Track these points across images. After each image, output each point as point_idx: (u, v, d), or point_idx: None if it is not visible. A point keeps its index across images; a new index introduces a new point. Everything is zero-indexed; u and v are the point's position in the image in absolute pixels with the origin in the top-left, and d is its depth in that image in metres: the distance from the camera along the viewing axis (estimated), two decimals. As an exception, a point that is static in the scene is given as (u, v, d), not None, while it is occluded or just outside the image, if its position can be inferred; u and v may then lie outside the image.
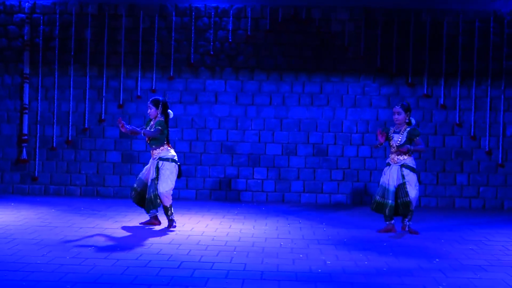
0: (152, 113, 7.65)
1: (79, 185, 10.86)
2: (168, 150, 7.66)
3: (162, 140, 7.61)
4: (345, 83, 10.83)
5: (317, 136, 10.81)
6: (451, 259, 6.30)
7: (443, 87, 10.71)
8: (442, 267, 5.90)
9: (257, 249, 6.52)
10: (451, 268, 5.88)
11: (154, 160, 7.63)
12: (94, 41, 10.88)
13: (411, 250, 6.70)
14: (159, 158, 7.58)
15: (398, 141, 7.56)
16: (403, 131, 7.59)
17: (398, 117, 7.61)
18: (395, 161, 7.60)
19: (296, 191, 10.80)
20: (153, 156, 7.65)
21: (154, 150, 7.65)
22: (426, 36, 10.70)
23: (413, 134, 7.58)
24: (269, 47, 10.88)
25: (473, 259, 6.31)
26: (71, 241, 6.71)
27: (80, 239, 6.81)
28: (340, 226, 8.23)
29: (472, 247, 6.95)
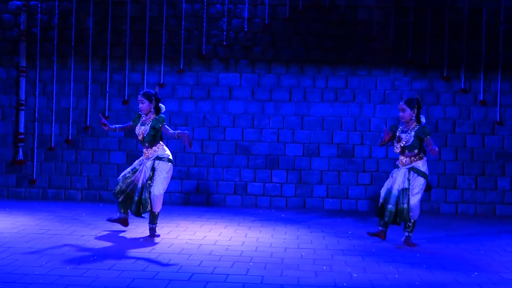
0: (145, 108, 7.63)
1: (80, 188, 10.93)
2: (164, 149, 7.69)
3: (158, 138, 7.67)
4: (373, 77, 10.79)
5: (342, 135, 10.79)
6: (491, 272, 6.25)
7: (483, 81, 10.64)
8: (481, 281, 5.86)
9: (276, 260, 6.52)
10: (491, 282, 5.84)
11: (148, 160, 7.62)
12: (96, 30, 10.94)
13: (446, 262, 6.66)
14: (156, 157, 7.60)
15: (404, 142, 7.45)
16: (411, 130, 7.46)
17: (403, 115, 7.44)
18: (403, 164, 7.47)
19: (318, 196, 10.78)
20: (148, 156, 7.62)
21: (149, 149, 7.61)
22: (463, 24, 10.63)
23: (423, 133, 7.38)
24: (289, 37, 10.87)
25: (516, 273, 6.27)
26: (72, 250, 6.75)
27: (81, 248, 6.85)
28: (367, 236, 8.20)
29: (515, 259, 6.91)
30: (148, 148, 7.63)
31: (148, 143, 7.61)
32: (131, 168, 7.73)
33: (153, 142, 7.62)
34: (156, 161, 7.59)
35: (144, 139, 7.61)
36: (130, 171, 7.71)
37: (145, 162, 7.64)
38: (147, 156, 7.63)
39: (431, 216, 10.26)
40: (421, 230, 8.76)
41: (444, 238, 8.13)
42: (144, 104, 7.63)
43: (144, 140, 7.62)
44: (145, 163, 7.64)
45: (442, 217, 10.08)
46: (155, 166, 7.58)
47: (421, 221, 9.65)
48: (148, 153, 7.63)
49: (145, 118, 7.68)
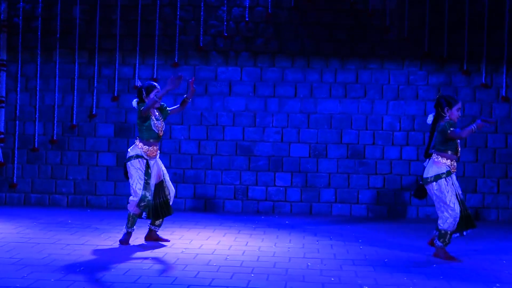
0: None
1: (66, 193, 10.93)
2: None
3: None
4: (386, 71, 10.78)
5: (351, 134, 10.79)
6: (515, 284, 6.25)
7: (505, 75, 10.63)
8: (504, 294, 5.86)
9: (279, 271, 6.52)
10: (515, 295, 5.83)
11: (154, 159, 7.72)
12: (84, 21, 10.95)
13: (466, 273, 6.64)
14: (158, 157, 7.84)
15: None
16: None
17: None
18: (455, 169, 7.41)
19: (326, 201, 10.78)
20: (155, 154, 7.73)
21: (157, 146, 7.77)
22: (485, 13, 10.62)
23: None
24: (294, 27, 10.87)
25: (542, 285, 6.26)
26: (57, 260, 6.74)
27: (67, 258, 6.85)
28: (379, 244, 8.20)
29: (541, 270, 6.90)
30: (158, 145, 7.77)
31: (159, 140, 7.78)
32: (143, 173, 7.64)
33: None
34: (159, 159, 7.83)
35: (162, 136, 7.80)
36: (145, 177, 7.66)
37: (151, 163, 7.69)
38: (155, 154, 7.74)
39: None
40: (438, 238, 8.76)
41: (462, 246, 8.11)
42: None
43: (161, 137, 7.80)
44: (151, 164, 7.69)
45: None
46: (160, 164, 7.82)
47: (439, 228, 9.65)
48: (156, 151, 7.76)
49: (154, 113, 7.76)
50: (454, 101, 7.38)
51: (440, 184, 7.25)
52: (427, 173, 7.35)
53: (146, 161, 7.66)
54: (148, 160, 7.67)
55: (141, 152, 7.64)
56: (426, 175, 7.35)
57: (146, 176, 7.65)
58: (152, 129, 7.65)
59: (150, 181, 7.67)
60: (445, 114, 7.34)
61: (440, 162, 7.32)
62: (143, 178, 7.63)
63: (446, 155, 7.33)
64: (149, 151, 7.66)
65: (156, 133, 7.68)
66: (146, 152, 7.65)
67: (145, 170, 7.65)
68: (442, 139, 7.30)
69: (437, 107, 7.42)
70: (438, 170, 7.29)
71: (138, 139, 7.70)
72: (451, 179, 7.30)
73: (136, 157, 7.63)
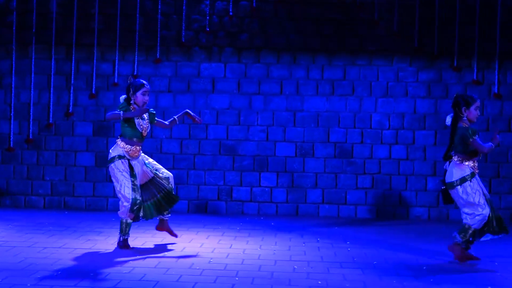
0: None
1: (43, 194, 10.90)
2: None
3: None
4: (374, 67, 10.83)
5: (339, 133, 10.82)
6: (507, 286, 6.29)
7: (497, 72, 10.70)
8: (495, 297, 5.91)
9: (265, 274, 6.53)
10: (507, 298, 5.88)
11: (136, 159, 7.71)
12: (61, 15, 10.91)
13: (456, 276, 6.69)
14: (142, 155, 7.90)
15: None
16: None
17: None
18: (477, 170, 7.35)
19: (313, 202, 10.81)
20: (137, 154, 7.72)
21: (140, 146, 7.77)
22: (476, 7, 10.68)
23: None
24: (280, 22, 10.89)
25: (534, 287, 6.32)
26: (33, 264, 6.72)
27: (44, 262, 6.83)
28: (368, 246, 8.23)
29: (534, 272, 6.95)
30: (139, 145, 7.75)
31: (142, 140, 7.79)
32: (128, 175, 7.61)
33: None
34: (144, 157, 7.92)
35: (145, 136, 7.82)
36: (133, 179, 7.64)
37: (135, 163, 7.69)
38: (138, 154, 7.73)
39: (439, 223, 10.32)
40: (428, 240, 8.82)
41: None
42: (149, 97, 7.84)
43: (145, 137, 7.82)
44: (134, 164, 7.69)
45: (452, 225, 10.08)
46: (144, 161, 7.85)
47: (429, 229, 9.72)
48: (139, 151, 7.75)
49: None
50: (472, 100, 7.29)
51: (465, 187, 7.19)
52: (451, 177, 7.27)
53: (128, 161, 7.64)
54: (130, 160, 7.66)
55: (123, 152, 7.61)
56: (450, 179, 7.27)
57: (133, 177, 7.63)
58: (136, 128, 7.63)
59: (137, 182, 7.66)
60: (463, 114, 7.25)
61: (463, 164, 7.27)
62: (130, 181, 7.60)
63: (468, 157, 7.28)
64: (131, 151, 7.64)
65: (139, 132, 7.66)
66: (128, 152, 7.63)
67: (130, 171, 7.62)
68: (463, 143, 7.25)
69: (454, 107, 7.31)
70: (463, 173, 7.22)
71: (120, 138, 7.68)
72: (476, 180, 7.25)
73: (119, 158, 7.60)
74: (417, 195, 10.72)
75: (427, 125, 10.73)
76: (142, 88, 7.65)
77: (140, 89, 7.64)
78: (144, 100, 7.66)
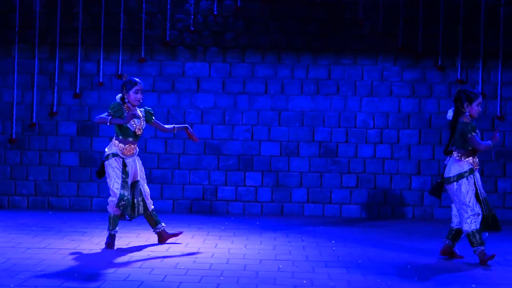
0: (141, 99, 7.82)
1: (26, 194, 10.85)
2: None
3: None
4: (359, 66, 10.85)
5: (324, 132, 10.84)
6: (491, 284, 6.32)
7: (481, 71, 10.75)
8: (479, 295, 5.94)
9: (250, 274, 6.53)
10: (491, 296, 5.92)
11: (131, 157, 7.73)
12: (44, 14, 10.86)
13: (441, 274, 6.72)
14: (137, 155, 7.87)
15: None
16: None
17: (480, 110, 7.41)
18: (477, 166, 7.36)
19: (298, 201, 10.82)
20: (132, 153, 7.74)
21: (135, 145, 7.79)
22: (460, 7, 10.73)
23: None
24: (265, 21, 10.89)
25: (518, 285, 6.36)
26: (17, 265, 6.69)
27: (27, 263, 6.80)
28: (353, 245, 8.25)
29: (517, 270, 7.00)
30: (135, 143, 7.77)
31: (138, 138, 7.81)
32: (120, 172, 7.64)
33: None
34: (138, 158, 7.86)
35: (141, 133, 7.81)
36: (124, 177, 7.66)
37: (128, 161, 7.70)
38: (132, 153, 7.74)
39: (424, 222, 10.35)
40: (413, 239, 8.85)
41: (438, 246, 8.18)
42: (142, 95, 7.82)
43: (140, 135, 7.81)
44: (129, 162, 7.70)
45: (437, 224, 10.17)
46: (139, 163, 7.85)
47: (414, 228, 9.75)
48: (134, 149, 7.76)
49: (135, 111, 7.72)
50: (475, 96, 7.29)
51: (460, 184, 7.20)
52: (449, 172, 7.27)
53: (122, 160, 7.66)
54: (125, 158, 7.67)
55: (116, 151, 7.65)
56: (448, 174, 7.28)
57: (124, 174, 7.66)
58: (127, 127, 7.64)
59: (128, 180, 7.68)
60: (464, 110, 7.24)
61: (462, 160, 7.27)
62: (121, 177, 7.64)
63: (467, 152, 7.28)
64: (125, 150, 7.67)
65: (132, 131, 7.66)
66: (121, 150, 7.66)
67: (122, 168, 7.66)
68: (462, 138, 7.25)
69: (456, 102, 7.31)
70: (460, 169, 7.24)
71: (114, 137, 7.73)
72: (473, 177, 7.26)
73: (113, 156, 7.65)
74: (402, 194, 10.77)
75: (411, 124, 10.77)
76: (135, 86, 7.66)
77: (133, 87, 7.66)
78: (137, 98, 7.66)
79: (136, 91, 7.67)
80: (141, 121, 7.77)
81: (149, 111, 7.93)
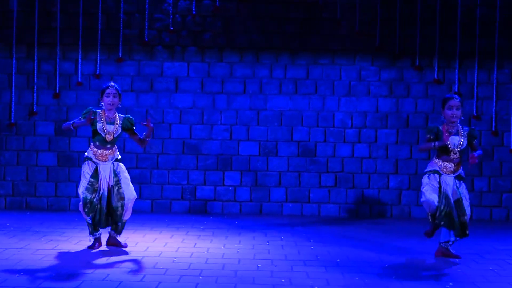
0: (116, 103, 7.66)
1: (4, 195, 10.78)
2: (117, 149, 7.81)
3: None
4: (337, 66, 10.89)
5: (302, 132, 10.87)
6: (467, 282, 6.38)
7: (458, 71, 10.83)
8: (456, 293, 5.99)
9: (229, 273, 6.54)
10: (467, 294, 5.97)
11: (106, 163, 7.60)
12: (22, 13, 10.80)
13: (419, 272, 6.77)
14: (116, 160, 7.69)
15: (460, 145, 7.41)
16: (462, 131, 7.44)
17: (457, 113, 7.36)
18: (452, 171, 7.44)
19: (276, 201, 10.85)
20: (107, 158, 7.61)
21: (109, 151, 7.64)
22: (437, 7, 10.81)
23: (474, 135, 7.54)
24: (243, 21, 10.90)
25: (493, 283, 6.41)
26: (-6, 265, 6.67)
27: (5, 263, 6.76)
28: (331, 244, 8.28)
29: (493, 268, 7.05)
30: (109, 149, 7.63)
31: (112, 144, 7.65)
32: (89, 176, 7.55)
33: (115, 142, 7.72)
34: (115, 163, 7.67)
35: (113, 140, 7.63)
36: (91, 180, 7.55)
37: (101, 166, 7.57)
38: (106, 158, 7.61)
39: (401, 221, 10.42)
40: (391, 237, 8.91)
41: (416, 245, 8.26)
42: (116, 99, 7.65)
43: (112, 141, 7.63)
44: (101, 167, 7.57)
45: (414, 222, 10.24)
46: (115, 168, 7.64)
47: (391, 227, 9.81)
48: (107, 155, 7.61)
49: (110, 115, 7.63)
50: (444, 100, 7.47)
51: (424, 177, 7.57)
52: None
53: (96, 164, 7.58)
54: (98, 163, 7.58)
55: (90, 155, 7.62)
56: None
57: (93, 179, 7.56)
58: (98, 132, 7.59)
59: (97, 185, 7.57)
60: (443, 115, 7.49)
61: (433, 161, 7.56)
62: (88, 181, 7.55)
63: (437, 154, 7.53)
64: (97, 154, 7.60)
65: (102, 136, 7.58)
66: (95, 155, 7.60)
67: (93, 173, 7.57)
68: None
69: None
70: (428, 168, 7.58)
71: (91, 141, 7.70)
72: (437, 177, 7.44)
73: (85, 160, 7.65)
74: (380, 193, 10.82)
75: (389, 124, 10.83)
76: (106, 90, 7.65)
77: (104, 91, 7.66)
78: (107, 101, 7.61)
79: (107, 95, 7.61)
80: (115, 127, 7.63)
81: (128, 119, 7.79)
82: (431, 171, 7.53)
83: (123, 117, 7.76)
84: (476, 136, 7.60)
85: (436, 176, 7.47)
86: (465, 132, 7.50)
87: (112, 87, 7.66)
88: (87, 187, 7.54)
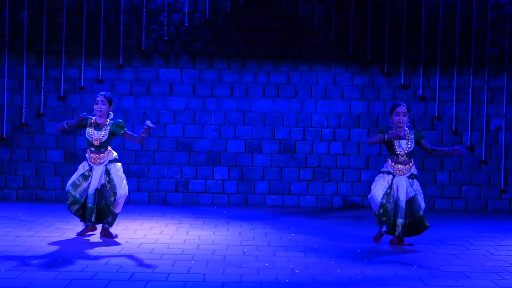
0: (104, 110, 7.43)
1: (15, 188, 10.71)
2: (112, 152, 7.59)
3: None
4: (315, 72, 10.90)
5: (284, 131, 10.87)
6: (431, 265, 6.41)
7: (422, 77, 10.87)
8: (421, 275, 6.00)
9: (218, 258, 6.54)
10: (431, 276, 5.99)
11: (99, 166, 7.44)
12: (31, 24, 10.73)
13: (387, 257, 6.80)
14: (111, 161, 7.49)
15: (407, 148, 7.38)
16: (408, 134, 7.41)
17: (404, 119, 7.31)
18: (404, 173, 7.38)
19: (260, 193, 10.84)
20: (98, 161, 7.44)
21: (101, 154, 7.45)
22: (403, 20, 10.84)
23: (421, 136, 7.48)
24: (230, 32, 10.88)
25: (454, 266, 6.44)
26: (6, 251, 6.61)
27: (16, 250, 6.72)
28: (310, 231, 8.30)
29: (454, 252, 7.09)
30: (100, 153, 7.46)
31: (103, 148, 7.47)
32: (79, 175, 7.45)
33: (107, 147, 7.51)
34: (109, 165, 7.46)
35: (101, 145, 7.44)
36: (80, 178, 7.44)
37: (94, 168, 7.43)
38: (98, 161, 7.45)
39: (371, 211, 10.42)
40: (363, 226, 8.93)
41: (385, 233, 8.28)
42: (104, 106, 7.43)
43: (100, 146, 7.44)
44: (95, 169, 7.43)
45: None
46: (108, 169, 7.44)
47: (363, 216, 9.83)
48: (99, 159, 7.46)
49: (99, 122, 7.47)
50: (393, 107, 7.42)
51: (377, 176, 7.57)
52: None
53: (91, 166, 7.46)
54: (93, 165, 7.46)
55: (87, 157, 7.54)
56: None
57: (82, 177, 7.42)
58: (87, 138, 7.48)
59: (84, 184, 7.41)
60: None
61: (387, 163, 7.50)
62: (77, 178, 7.43)
63: (389, 158, 7.49)
64: (90, 158, 7.49)
65: (90, 141, 7.45)
66: (89, 158, 7.51)
67: (85, 172, 7.44)
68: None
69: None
70: (383, 169, 7.54)
71: None
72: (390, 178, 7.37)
73: (84, 160, 7.60)
74: (353, 186, 10.85)
75: (361, 124, 10.85)
76: (96, 98, 7.50)
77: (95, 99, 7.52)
78: (96, 108, 7.44)
79: (96, 102, 7.47)
80: (102, 133, 7.43)
81: (117, 124, 7.50)
82: (385, 172, 7.46)
83: (111, 122, 7.50)
84: (423, 135, 7.50)
85: (390, 176, 7.40)
86: (412, 135, 7.44)
87: (101, 95, 7.48)
88: (74, 183, 7.41)
